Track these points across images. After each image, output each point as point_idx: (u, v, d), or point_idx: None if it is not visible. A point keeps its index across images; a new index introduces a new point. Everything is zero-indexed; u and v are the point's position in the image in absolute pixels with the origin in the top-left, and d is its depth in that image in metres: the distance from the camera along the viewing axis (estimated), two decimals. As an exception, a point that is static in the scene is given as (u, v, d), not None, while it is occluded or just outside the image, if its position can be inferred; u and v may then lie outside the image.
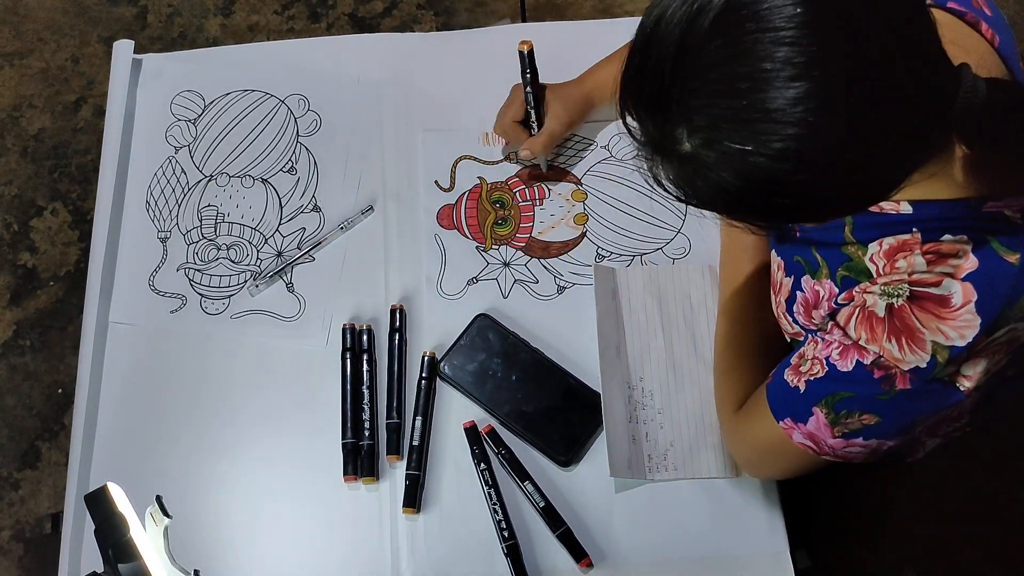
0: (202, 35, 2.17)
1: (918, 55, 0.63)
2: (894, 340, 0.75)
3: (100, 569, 0.77)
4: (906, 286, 0.75)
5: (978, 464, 1.13)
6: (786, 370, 0.86)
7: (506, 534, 0.99)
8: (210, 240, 1.16)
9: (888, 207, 0.76)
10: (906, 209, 0.76)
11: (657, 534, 1.00)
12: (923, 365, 0.75)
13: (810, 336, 0.85)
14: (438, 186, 1.18)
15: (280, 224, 1.17)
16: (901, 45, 0.61)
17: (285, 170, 1.20)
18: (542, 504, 1.00)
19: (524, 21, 2.10)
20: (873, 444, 0.82)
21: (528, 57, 1.06)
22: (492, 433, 1.04)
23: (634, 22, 0.67)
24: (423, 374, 1.06)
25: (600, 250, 1.14)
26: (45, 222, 2.01)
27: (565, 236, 1.15)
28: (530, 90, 1.08)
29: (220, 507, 1.04)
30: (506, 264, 1.13)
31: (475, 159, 1.19)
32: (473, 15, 2.17)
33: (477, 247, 1.14)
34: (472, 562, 1.00)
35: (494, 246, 1.14)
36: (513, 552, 0.99)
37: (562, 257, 1.14)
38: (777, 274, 0.91)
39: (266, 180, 1.19)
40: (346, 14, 2.17)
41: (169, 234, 1.17)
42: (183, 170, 1.20)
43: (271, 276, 1.13)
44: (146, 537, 0.79)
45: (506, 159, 1.18)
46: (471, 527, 1.01)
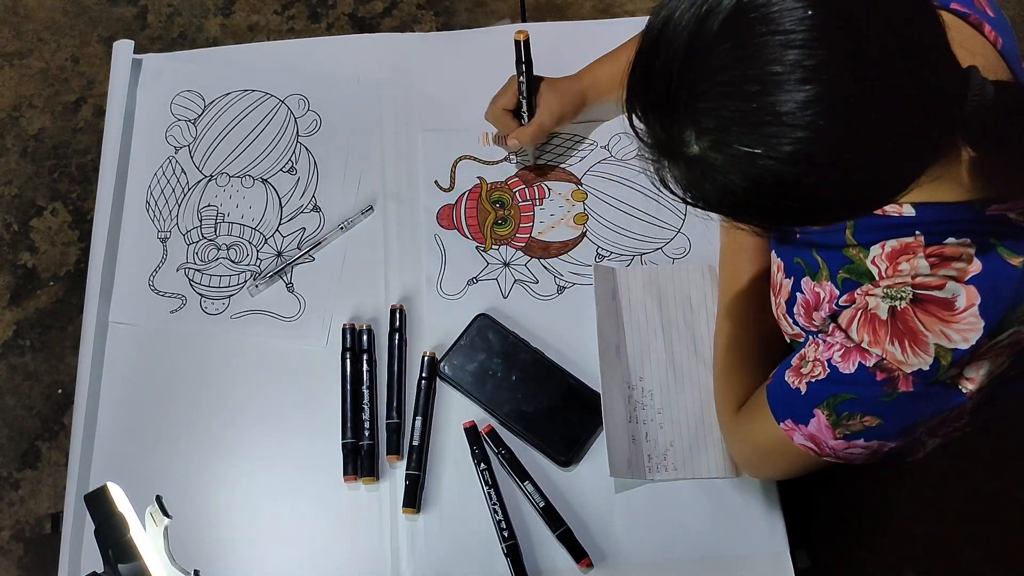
0: (202, 35, 2.17)
1: (926, 59, 0.63)
2: (897, 342, 0.75)
3: (100, 569, 0.77)
4: (909, 289, 0.75)
5: (978, 464, 1.13)
6: (787, 372, 0.86)
7: (506, 534, 0.99)
8: (210, 240, 1.16)
9: (891, 210, 0.76)
10: (909, 212, 0.76)
11: (657, 534, 1.00)
12: (926, 368, 0.75)
13: (811, 338, 0.85)
14: (438, 186, 1.18)
15: (280, 224, 1.17)
16: (910, 49, 0.61)
17: (285, 170, 1.20)
18: (542, 504, 1.00)
19: (524, 21, 2.10)
20: (874, 445, 0.82)
21: (524, 46, 1.06)
22: (492, 433, 1.04)
23: (634, 22, 0.67)
24: (423, 374, 1.06)
25: (600, 250, 1.14)
26: (45, 222, 2.01)
27: (565, 236, 1.15)
28: (523, 79, 1.08)
29: (220, 507, 1.04)
30: (506, 264, 1.13)
31: (475, 159, 1.19)
32: (473, 15, 2.17)
33: (477, 247, 1.14)
34: (472, 562, 1.00)
35: (494, 246, 1.14)
36: (513, 552, 0.99)
37: (562, 257, 1.14)
38: (777, 275, 0.91)
39: (266, 180, 1.19)
40: (346, 14, 2.17)
41: (169, 234, 1.17)
42: (183, 170, 1.20)
43: (271, 276, 1.13)
44: (146, 537, 0.79)
45: (494, 143, 1.18)
46: (471, 527, 1.01)
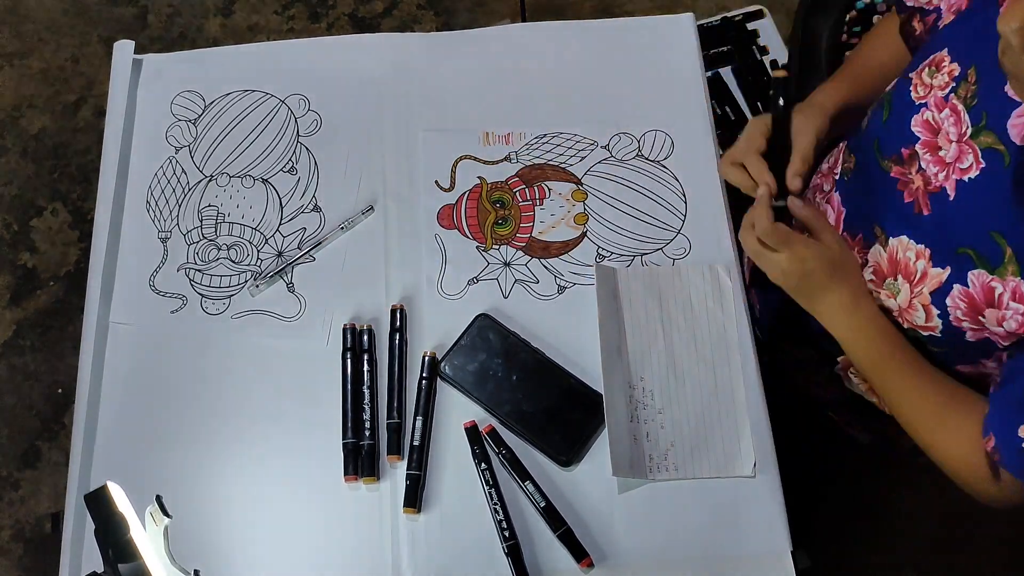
0: (202, 35, 2.17)
1: None
2: None
3: (100, 569, 0.77)
4: None
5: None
6: (1021, 427, 0.75)
7: (507, 534, 0.99)
8: (211, 240, 1.16)
9: None
10: None
11: (658, 534, 1.00)
12: None
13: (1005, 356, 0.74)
14: (438, 186, 1.18)
15: (280, 224, 1.17)
16: None
17: (285, 170, 1.20)
18: (543, 504, 1.00)
19: (524, 21, 2.10)
20: None
21: (782, 84, 0.94)
22: (493, 433, 1.04)
23: (634, 22, 0.66)
24: (424, 374, 1.07)
25: (600, 250, 1.14)
26: (45, 222, 2.01)
27: (565, 236, 1.15)
28: (778, 118, 0.95)
29: (220, 507, 1.04)
30: (506, 264, 1.13)
31: (475, 159, 1.19)
32: (473, 15, 2.17)
33: (477, 247, 1.14)
34: (473, 562, 1.00)
35: (494, 246, 1.14)
36: (514, 552, 0.99)
37: (562, 257, 1.14)
38: (915, 263, 0.85)
39: (266, 180, 1.19)
40: (346, 14, 2.17)
41: (169, 234, 1.17)
42: (183, 170, 1.20)
43: (271, 276, 1.13)
44: (146, 537, 0.79)
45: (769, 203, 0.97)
46: (472, 527, 1.01)
